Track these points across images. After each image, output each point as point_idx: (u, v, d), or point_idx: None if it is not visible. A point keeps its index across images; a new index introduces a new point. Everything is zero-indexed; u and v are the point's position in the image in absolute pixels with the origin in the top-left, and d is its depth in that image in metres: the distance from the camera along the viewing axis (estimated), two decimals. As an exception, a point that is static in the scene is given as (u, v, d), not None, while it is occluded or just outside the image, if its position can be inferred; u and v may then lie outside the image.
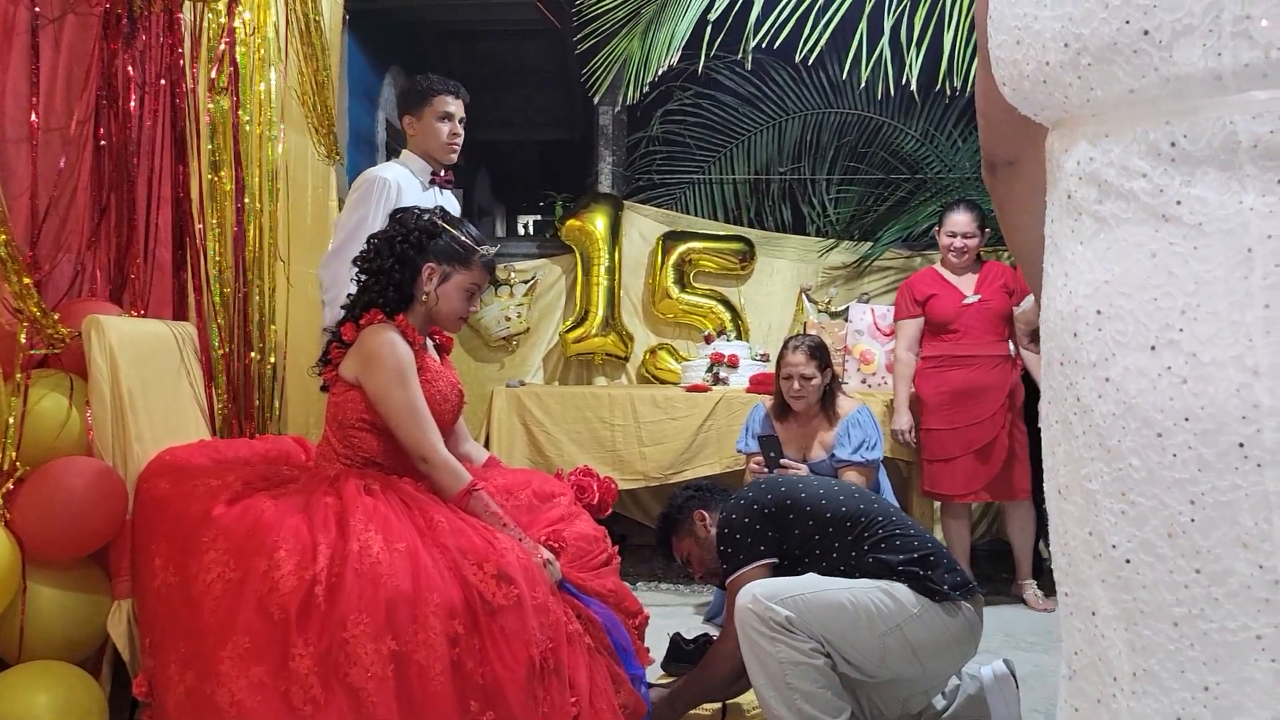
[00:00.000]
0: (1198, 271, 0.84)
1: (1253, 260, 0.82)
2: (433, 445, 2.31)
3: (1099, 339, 0.92)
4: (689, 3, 4.89)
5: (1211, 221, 0.84)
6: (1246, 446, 0.82)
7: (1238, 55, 0.82)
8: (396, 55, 6.74)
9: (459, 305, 2.52)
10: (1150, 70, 0.86)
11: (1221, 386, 0.83)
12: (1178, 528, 0.87)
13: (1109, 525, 0.92)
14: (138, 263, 2.67)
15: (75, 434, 2.25)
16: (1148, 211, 0.88)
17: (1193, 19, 0.83)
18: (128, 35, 2.66)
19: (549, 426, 4.60)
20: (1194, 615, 0.86)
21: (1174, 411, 0.86)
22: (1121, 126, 0.90)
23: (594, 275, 5.40)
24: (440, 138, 3.40)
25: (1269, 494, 0.81)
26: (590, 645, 2.21)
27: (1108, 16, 0.87)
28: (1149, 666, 0.90)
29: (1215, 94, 0.84)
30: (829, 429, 3.77)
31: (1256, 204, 0.82)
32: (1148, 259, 0.88)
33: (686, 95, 6.28)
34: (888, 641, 2.41)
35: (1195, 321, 0.85)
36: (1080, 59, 0.90)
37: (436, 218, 2.50)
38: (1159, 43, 0.85)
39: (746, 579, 2.57)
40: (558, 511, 2.50)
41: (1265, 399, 0.81)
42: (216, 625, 1.95)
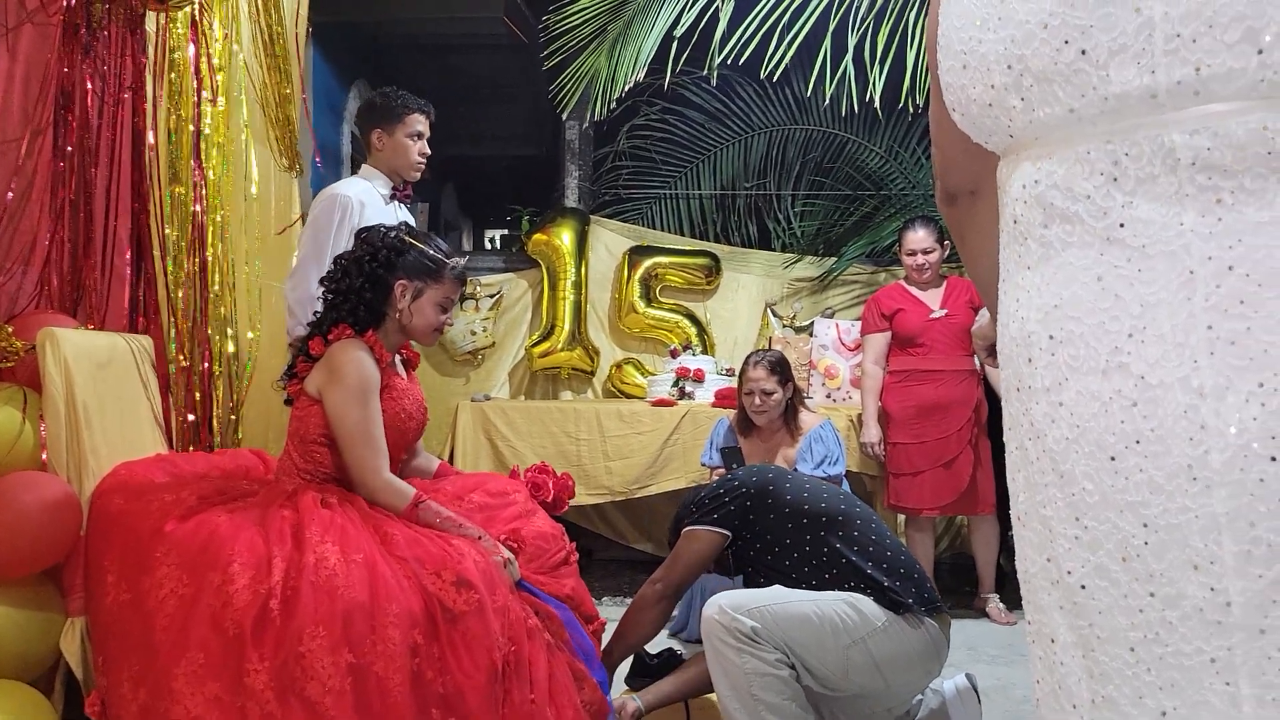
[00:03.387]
0: (1143, 294, 0.86)
1: (1195, 282, 0.83)
2: (375, 470, 2.29)
3: (1052, 364, 0.93)
4: (655, 19, 4.91)
5: (1154, 244, 0.85)
6: (1195, 468, 0.83)
7: (1170, 73, 0.84)
8: (362, 68, 6.71)
9: (433, 319, 2.51)
10: (1089, 89, 0.88)
11: (1169, 408, 0.84)
12: (1131, 551, 0.87)
13: (1064, 551, 0.92)
14: (94, 275, 2.64)
15: (29, 448, 2.21)
16: (1092, 234, 0.89)
17: (1126, 38, 0.85)
18: (86, 45, 2.63)
19: (514, 441, 4.58)
20: (1149, 639, 0.86)
21: (1125, 434, 0.87)
22: (1064, 147, 0.92)
23: (560, 290, 5.40)
24: (411, 156, 3.40)
25: (1217, 515, 0.82)
26: (550, 642, 2.20)
27: (1047, 38, 0.89)
28: (1107, 693, 0.90)
29: (1152, 112, 0.85)
30: (792, 444, 3.78)
31: (1196, 225, 0.83)
32: (1094, 282, 0.89)
33: (653, 111, 6.31)
34: (852, 654, 2.42)
35: (1142, 344, 0.86)
36: (1023, 80, 0.92)
37: (404, 234, 2.49)
38: (1096, 62, 0.87)
39: (696, 536, 2.70)
40: (514, 509, 2.49)
41: (1211, 420, 0.82)
42: (170, 642, 1.92)
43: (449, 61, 7.83)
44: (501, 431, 4.60)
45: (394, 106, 3.37)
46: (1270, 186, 0.81)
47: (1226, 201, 0.82)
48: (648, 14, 5.01)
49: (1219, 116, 0.82)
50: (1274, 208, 0.81)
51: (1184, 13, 0.83)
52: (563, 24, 5.17)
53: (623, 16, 5.13)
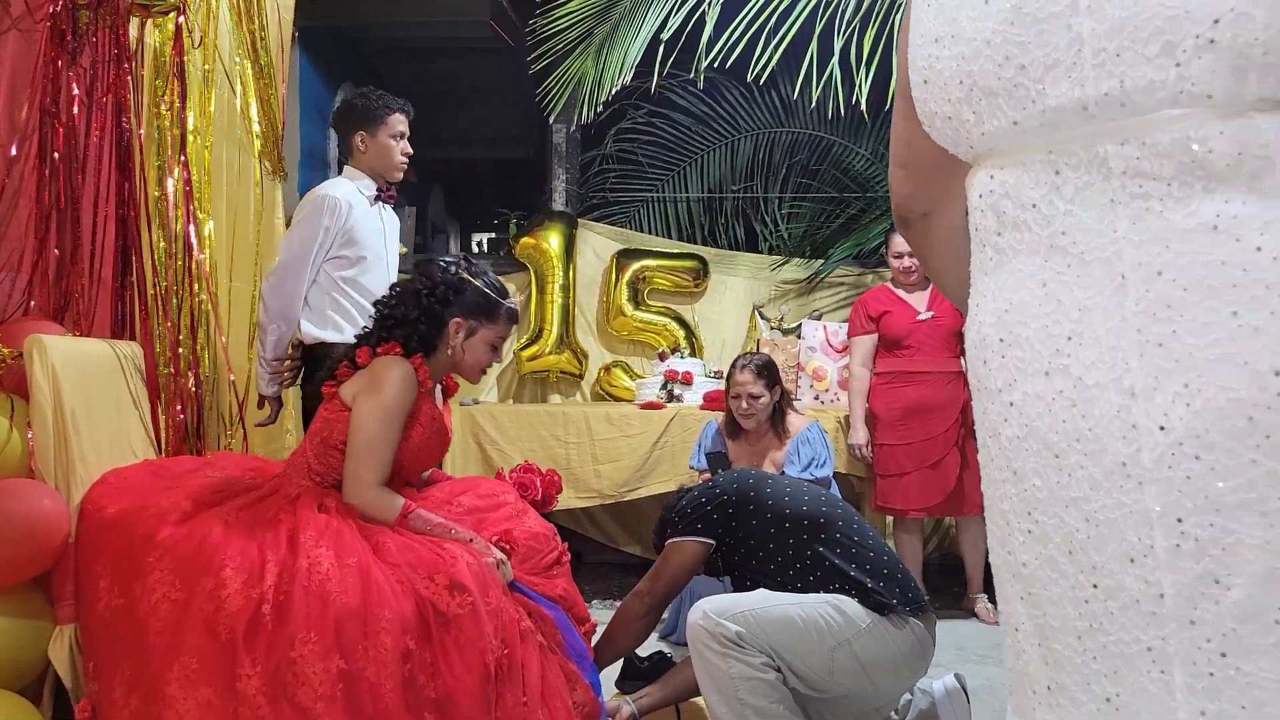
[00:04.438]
0: (1081, 299, 0.90)
1: (1126, 287, 0.87)
2: (368, 484, 2.29)
3: (1003, 366, 0.98)
4: (642, 23, 4.92)
5: (1090, 250, 0.89)
6: (1128, 465, 0.87)
7: (1099, 85, 0.88)
8: (349, 72, 6.70)
9: (484, 358, 2.55)
10: (1029, 103, 0.92)
11: (1104, 408, 0.88)
12: (1076, 544, 0.91)
13: (1019, 544, 0.97)
14: (81, 281, 2.63)
15: (16, 456, 2.21)
16: (1038, 241, 0.94)
17: (1059, 54, 0.89)
18: (72, 51, 2.62)
19: (503, 445, 4.59)
20: (1094, 629, 0.90)
21: (1067, 433, 0.91)
22: (1012, 158, 0.96)
23: (548, 293, 5.40)
24: (394, 156, 3.39)
25: (1150, 511, 0.86)
26: (542, 643, 2.20)
27: (991, 54, 0.94)
28: (1060, 680, 0.94)
29: (1084, 123, 0.89)
30: (779, 447, 3.79)
31: (1128, 232, 0.87)
32: (1039, 288, 0.93)
33: (640, 114, 6.31)
34: (837, 657, 2.43)
35: (1080, 347, 0.90)
36: (973, 95, 0.97)
37: (463, 271, 2.50)
38: (1034, 77, 0.91)
39: (680, 548, 2.69)
40: (504, 511, 2.50)
41: (1142, 420, 0.86)
42: (163, 647, 1.92)
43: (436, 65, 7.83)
44: (490, 435, 4.60)
45: (375, 108, 3.35)
46: (1195, 194, 0.85)
47: (1155, 209, 0.86)
48: (634, 17, 5.02)
49: (1146, 127, 0.86)
50: (1198, 215, 0.84)
51: (1109, 29, 0.87)
52: (549, 27, 5.18)
53: (609, 20, 5.14)
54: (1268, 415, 0.81)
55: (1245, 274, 0.82)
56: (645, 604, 2.72)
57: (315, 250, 3.19)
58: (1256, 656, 0.82)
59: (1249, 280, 0.82)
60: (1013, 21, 0.92)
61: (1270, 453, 0.81)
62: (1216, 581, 0.83)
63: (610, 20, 5.12)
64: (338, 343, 3.21)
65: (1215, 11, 0.82)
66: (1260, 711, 0.82)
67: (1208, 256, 0.83)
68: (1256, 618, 0.81)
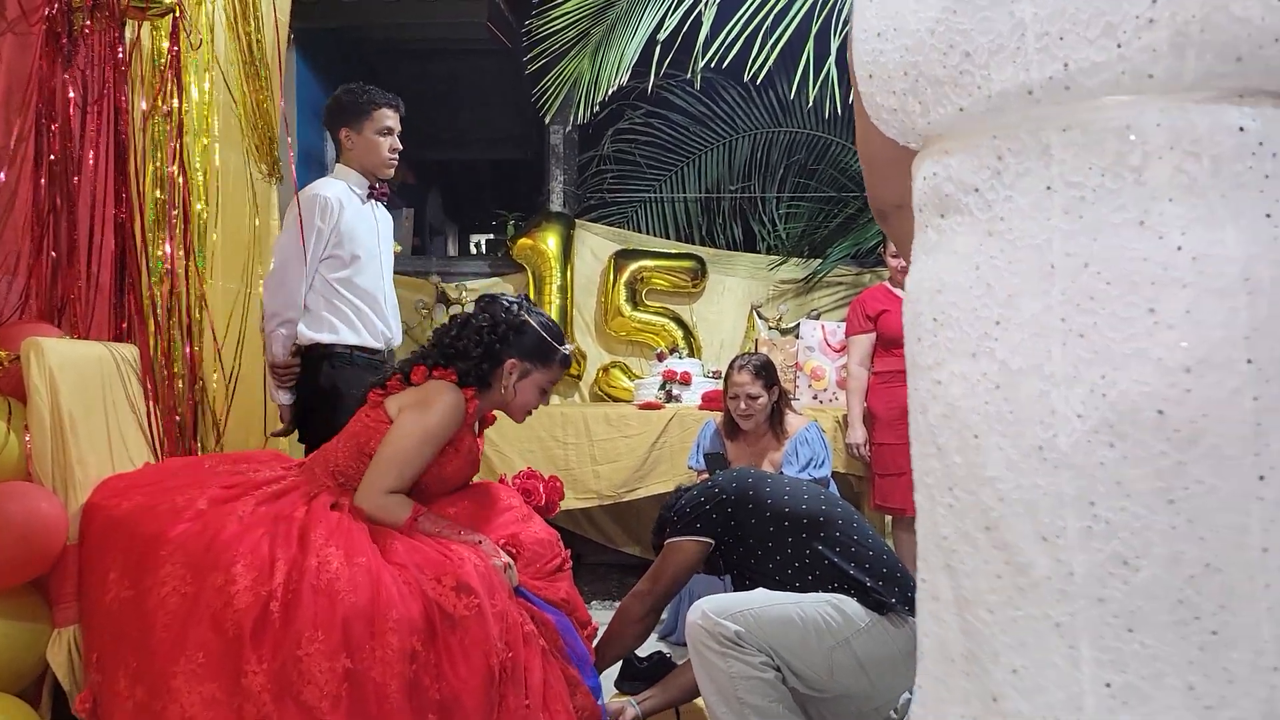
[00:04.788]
0: (1011, 284, 0.93)
1: (1054, 276, 0.90)
2: (381, 490, 2.30)
3: (935, 344, 1.01)
4: (638, 23, 4.92)
5: (1024, 237, 0.92)
6: (1045, 449, 0.90)
7: (1043, 69, 0.90)
8: (347, 74, 6.68)
9: (532, 401, 2.57)
10: (975, 89, 0.94)
11: (1025, 392, 0.92)
12: (991, 521, 0.95)
13: (941, 517, 1.02)
14: (78, 284, 2.63)
15: (14, 459, 2.21)
16: (977, 225, 0.97)
17: (1003, 39, 0.91)
18: (68, 54, 2.62)
19: (501, 445, 4.58)
20: (1005, 603, 0.95)
21: (988, 415, 0.95)
22: (958, 144, 0.99)
23: (546, 294, 5.40)
24: (381, 153, 3.34)
25: (1064, 493, 0.90)
26: (545, 648, 2.21)
27: (935, 43, 0.96)
28: (973, 649, 0.99)
29: (1029, 107, 0.92)
30: (778, 447, 3.79)
31: (1060, 221, 0.90)
32: (972, 270, 0.96)
33: (637, 114, 6.32)
34: (836, 656, 2.43)
35: (1007, 331, 0.93)
36: (919, 85, 0.99)
37: (525, 313, 2.53)
38: (979, 63, 0.93)
39: (679, 548, 2.68)
40: (511, 515, 2.51)
41: (1060, 406, 0.89)
42: (169, 640, 1.93)
43: (433, 66, 7.83)
44: (488, 436, 4.58)
45: (360, 103, 3.31)
46: (1126, 188, 0.87)
47: (1089, 200, 0.89)
48: (631, 18, 5.02)
49: (1088, 112, 0.88)
50: (1126, 210, 0.87)
51: (1050, 12, 0.89)
52: (546, 28, 5.18)
53: (606, 20, 5.14)
54: (1178, 410, 0.85)
55: (1164, 272, 0.85)
56: (645, 604, 2.72)
57: (310, 251, 3.17)
58: (1161, 631, 0.87)
59: (1167, 278, 0.85)
60: (955, 10, 0.94)
61: (1179, 445, 0.85)
62: (1125, 563, 0.87)
63: (607, 21, 5.12)
64: (333, 344, 3.20)
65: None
66: (1161, 682, 0.87)
67: (1131, 252, 0.86)
68: (1161, 597, 0.86)
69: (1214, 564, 0.85)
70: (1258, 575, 0.84)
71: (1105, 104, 0.88)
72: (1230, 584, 0.85)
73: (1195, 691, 0.86)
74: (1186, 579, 0.86)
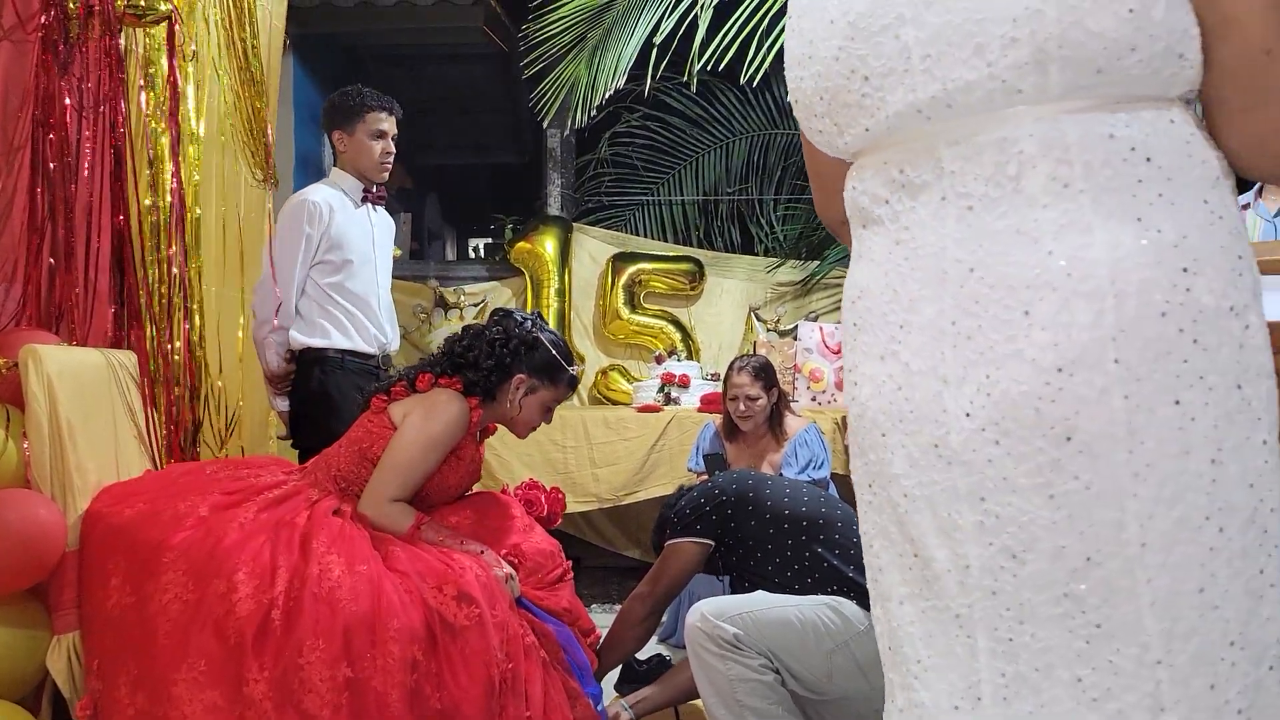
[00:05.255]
0: (913, 290, 0.98)
1: (947, 281, 0.95)
2: (386, 498, 2.30)
3: (854, 348, 1.07)
4: (635, 26, 4.92)
5: (923, 245, 0.97)
6: (940, 447, 0.96)
7: (927, 89, 0.96)
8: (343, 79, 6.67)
9: (536, 418, 2.58)
10: (875, 110, 1.00)
11: (922, 393, 0.97)
12: (899, 517, 1.01)
13: (863, 513, 1.08)
14: (76, 291, 2.63)
15: (12, 467, 2.21)
16: (888, 235, 1.02)
17: (893, 62, 0.97)
18: (64, 61, 2.62)
19: (500, 449, 4.58)
20: (914, 595, 1.01)
21: (893, 414, 1.00)
22: (870, 160, 1.05)
23: (544, 297, 5.40)
24: (373, 156, 3.31)
25: (958, 489, 0.94)
26: (545, 659, 2.21)
27: (840, 69, 1.02)
28: (894, 643, 1.05)
29: (921, 124, 0.97)
30: (777, 449, 3.79)
31: (952, 230, 0.95)
32: (882, 278, 1.02)
33: (634, 118, 6.32)
34: (835, 658, 2.43)
35: (909, 334, 0.98)
36: (833, 108, 1.05)
37: (538, 331, 2.53)
38: (876, 86, 0.99)
39: (679, 549, 2.69)
40: (513, 525, 2.51)
41: (951, 405, 0.94)
42: (171, 647, 1.93)
43: (430, 71, 7.83)
44: (488, 440, 4.58)
45: (352, 105, 3.28)
46: (1006, 196, 0.92)
47: (976, 209, 0.94)
48: (627, 21, 5.02)
49: (969, 127, 0.94)
50: (1007, 218, 0.92)
51: (929, 36, 0.94)
52: (542, 32, 5.18)
53: (602, 24, 5.14)
54: (1051, 408, 0.88)
55: (1038, 275, 0.89)
56: (646, 606, 2.72)
57: (300, 257, 3.17)
58: (1048, 624, 0.90)
59: (1040, 282, 0.89)
60: (852, 37, 1.00)
61: (1055, 442, 0.89)
62: (1014, 556, 0.91)
63: (603, 25, 5.12)
64: (325, 348, 3.20)
65: (1013, 11, 0.88)
66: (1051, 674, 0.90)
67: (1010, 257, 0.91)
68: (1046, 589, 0.90)
69: (1094, 558, 0.88)
70: (1138, 570, 0.87)
71: (983, 119, 0.93)
72: (1111, 578, 0.88)
73: (1082, 684, 0.89)
74: (1070, 572, 0.89)
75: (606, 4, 5.09)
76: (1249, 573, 0.87)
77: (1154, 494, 0.86)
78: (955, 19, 0.92)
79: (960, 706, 0.96)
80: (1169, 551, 0.86)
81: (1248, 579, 0.87)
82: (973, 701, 0.95)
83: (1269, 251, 1.51)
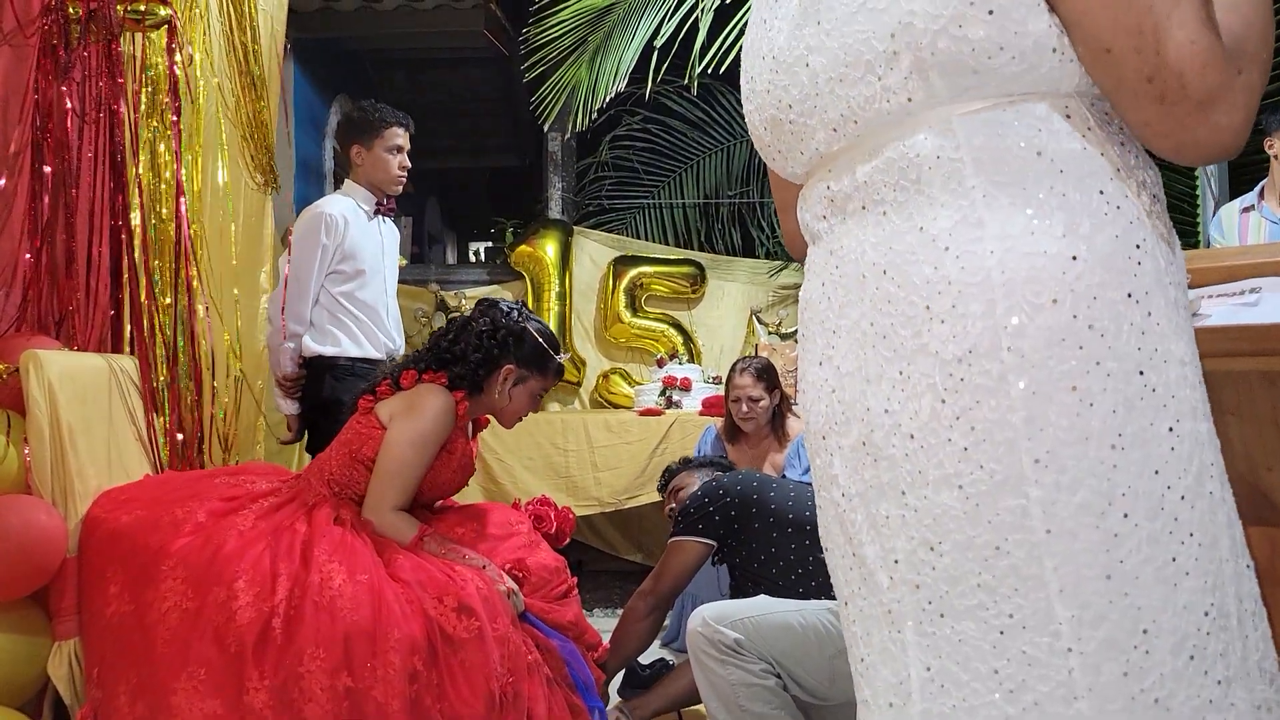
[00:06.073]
0: (841, 296, 1.02)
1: (865, 284, 0.98)
2: (389, 507, 2.30)
3: (802, 356, 1.11)
4: (635, 30, 4.92)
5: (849, 253, 1.01)
6: (866, 445, 0.98)
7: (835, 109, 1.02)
8: (343, 83, 6.70)
9: (525, 408, 2.56)
10: (806, 136, 1.04)
11: (850, 393, 1.00)
12: (841, 516, 1.03)
13: (818, 515, 1.10)
14: (77, 295, 2.62)
15: (13, 471, 2.20)
16: (824, 247, 1.06)
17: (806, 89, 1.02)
18: (64, 65, 2.62)
19: (502, 454, 4.58)
20: (855, 594, 1.03)
21: (829, 416, 1.03)
22: (810, 181, 1.09)
23: (545, 301, 5.40)
24: (391, 170, 3.41)
25: (883, 485, 0.97)
26: (549, 676, 2.19)
27: (772, 100, 1.07)
28: (843, 645, 1.08)
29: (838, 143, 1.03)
30: (779, 450, 3.78)
31: (870, 236, 0.98)
32: (820, 288, 1.06)
33: (635, 121, 6.32)
34: (837, 663, 2.42)
35: (839, 338, 1.02)
36: (776, 138, 1.10)
37: (525, 321, 2.52)
38: (800, 113, 1.04)
39: (681, 547, 2.72)
40: (518, 540, 2.49)
41: (874, 403, 0.97)
42: (170, 656, 1.92)
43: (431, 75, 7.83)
44: (489, 444, 4.59)
45: (372, 121, 3.39)
46: (911, 199, 0.95)
47: (889, 214, 0.97)
48: (628, 25, 5.02)
49: (875, 139, 0.97)
50: (911, 218, 0.95)
51: (829, 60, 0.98)
52: (543, 36, 5.17)
53: (603, 28, 5.13)
54: (956, 399, 0.91)
55: (935, 271, 0.92)
56: (649, 603, 2.72)
57: (316, 267, 3.25)
58: (963, 616, 0.92)
59: (937, 277, 0.92)
60: (775, 70, 1.05)
61: (963, 432, 0.90)
62: (931, 548, 0.93)
63: (604, 28, 5.12)
64: (336, 356, 3.26)
65: (890, 27, 0.93)
66: (969, 666, 0.91)
67: (913, 255, 0.94)
68: (961, 581, 0.91)
69: (1002, 547, 0.89)
70: (1044, 558, 0.88)
71: (887, 131, 0.96)
72: (1019, 566, 0.89)
73: (999, 675, 0.90)
74: (981, 562, 0.90)
75: (607, 7, 5.09)
76: (1159, 560, 0.87)
77: (1055, 480, 0.88)
78: (849, 41, 0.96)
79: (894, 704, 0.97)
80: (1073, 538, 0.87)
81: (1158, 566, 0.87)
82: (904, 697, 0.96)
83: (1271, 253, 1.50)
